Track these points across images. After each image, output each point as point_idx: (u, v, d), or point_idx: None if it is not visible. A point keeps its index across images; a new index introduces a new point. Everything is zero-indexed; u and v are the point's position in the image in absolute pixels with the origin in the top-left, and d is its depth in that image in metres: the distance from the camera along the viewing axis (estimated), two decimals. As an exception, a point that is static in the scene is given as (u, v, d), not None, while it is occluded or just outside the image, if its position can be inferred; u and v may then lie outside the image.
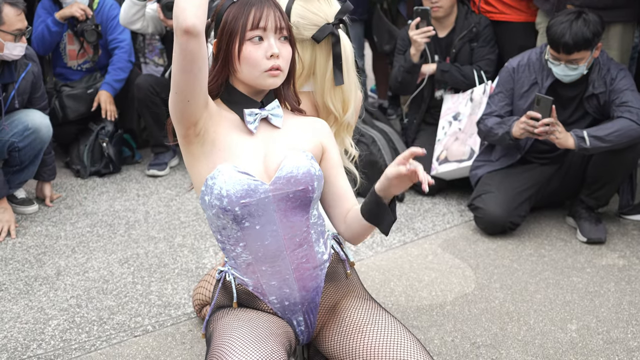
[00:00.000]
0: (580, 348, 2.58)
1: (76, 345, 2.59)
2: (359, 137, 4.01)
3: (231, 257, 1.94)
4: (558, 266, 3.19)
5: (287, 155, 1.88)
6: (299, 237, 1.90)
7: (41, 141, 3.60)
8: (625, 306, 2.86)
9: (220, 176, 1.82)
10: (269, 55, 1.83)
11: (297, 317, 1.97)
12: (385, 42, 4.63)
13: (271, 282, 1.90)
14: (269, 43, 1.83)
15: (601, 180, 3.41)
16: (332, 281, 2.00)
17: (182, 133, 1.85)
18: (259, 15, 1.82)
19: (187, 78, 1.72)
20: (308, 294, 1.94)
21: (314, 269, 1.94)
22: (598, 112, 3.39)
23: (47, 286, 3.01)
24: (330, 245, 2.02)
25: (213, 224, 1.91)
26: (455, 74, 3.99)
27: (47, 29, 4.17)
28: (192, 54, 1.69)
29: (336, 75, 2.09)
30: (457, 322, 2.74)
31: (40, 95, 3.70)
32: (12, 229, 3.49)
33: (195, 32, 1.66)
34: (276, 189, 1.85)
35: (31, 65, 3.55)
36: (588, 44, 3.19)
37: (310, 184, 1.87)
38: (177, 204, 3.90)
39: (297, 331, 1.99)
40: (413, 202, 3.92)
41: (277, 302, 1.93)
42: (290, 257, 1.89)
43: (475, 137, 3.81)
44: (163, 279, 3.06)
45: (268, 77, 1.85)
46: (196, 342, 2.61)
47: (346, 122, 2.20)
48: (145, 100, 4.24)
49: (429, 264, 3.22)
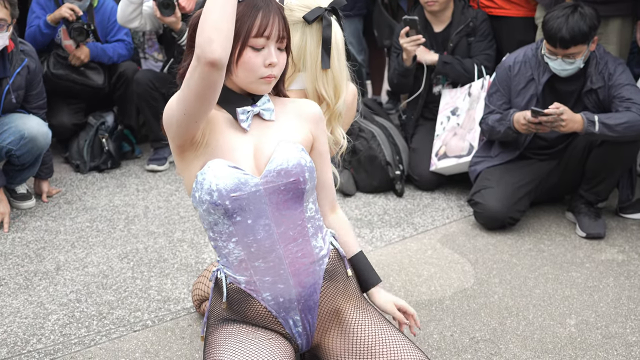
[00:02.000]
0: (579, 343, 2.58)
1: (76, 339, 2.60)
2: (358, 132, 4.01)
3: (223, 254, 1.92)
4: (557, 261, 3.19)
5: (277, 148, 1.87)
6: (292, 231, 1.88)
7: (38, 149, 3.59)
8: (624, 301, 2.87)
9: (209, 171, 1.81)
10: (267, 63, 1.81)
11: (293, 316, 1.93)
12: (385, 37, 4.63)
13: (265, 277, 1.88)
14: (269, 51, 1.81)
15: (600, 174, 3.41)
16: (332, 280, 1.97)
17: (179, 144, 1.83)
18: (266, 23, 1.78)
19: (202, 104, 1.70)
20: (304, 290, 1.92)
21: (311, 264, 1.91)
22: (597, 107, 3.39)
23: (47, 281, 3.01)
24: (329, 241, 2.00)
25: (205, 221, 1.90)
26: (456, 67, 3.99)
27: (39, 30, 4.14)
28: (213, 83, 1.65)
29: (323, 58, 2.09)
30: (456, 317, 2.74)
31: (37, 93, 3.66)
32: (6, 221, 3.48)
33: (221, 65, 1.62)
34: (267, 182, 1.83)
35: (27, 61, 3.53)
36: (585, 38, 3.18)
37: (301, 175, 1.86)
38: (176, 199, 3.90)
39: (295, 333, 1.95)
40: (412, 197, 3.93)
41: (272, 299, 1.90)
42: (284, 252, 1.87)
43: (474, 133, 3.81)
44: (162, 273, 3.07)
45: (263, 83, 1.84)
46: (195, 336, 2.61)
47: (338, 110, 2.20)
48: (145, 96, 4.24)
49: (428, 259, 3.22)
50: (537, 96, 3.43)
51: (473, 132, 3.82)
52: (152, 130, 4.37)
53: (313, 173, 1.90)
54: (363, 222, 3.61)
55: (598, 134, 3.20)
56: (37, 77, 3.65)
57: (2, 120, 3.54)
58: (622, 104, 3.25)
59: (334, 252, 2.01)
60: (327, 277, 1.97)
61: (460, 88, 4.04)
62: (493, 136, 3.57)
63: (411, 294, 2.91)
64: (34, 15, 4.21)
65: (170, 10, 3.95)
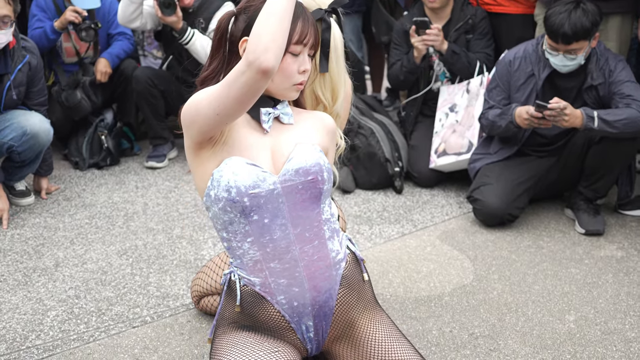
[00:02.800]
0: (578, 339, 2.58)
1: (75, 335, 2.59)
2: (357, 129, 4.01)
3: (237, 255, 1.90)
4: (556, 257, 3.19)
5: (296, 148, 1.87)
6: (309, 232, 1.86)
7: (40, 145, 3.58)
8: (623, 297, 2.87)
9: (227, 168, 1.80)
10: (302, 70, 1.83)
11: (306, 322, 1.91)
12: (383, 34, 4.64)
13: (280, 279, 1.86)
14: (304, 58, 1.83)
15: (600, 171, 3.41)
16: (349, 288, 1.95)
17: (198, 141, 1.82)
18: (306, 31, 1.80)
19: (239, 108, 1.70)
20: (319, 296, 1.89)
21: (327, 268, 1.89)
22: (597, 103, 3.39)
23: (46, 277, 3.01)
24: (345, 245, 1.99)
25: (219, 220, 1.88)
26: (463, 59, 3.99)
27: (45, 35, 4.12)
28: (258, 90, 1.66)
29: (321, 62, 2.08)
30: (455, 313, 2.74)
31: (38, 90, 3.66)
32: (5, 218, 3.48)
33: (271, 73, 1.63)
34: (285, 180, 1.83)
35: (28, 57, 3.53)
36: (587, 33, 3.18)
37: (319, 174, 1.85)
38: (175, 195, 3.90)
39: (306, 338, 1.94)
40: (412, 193, 3.92)
41: (286, 303, 1.87)
42: (300, 253, 1.85)
43: (473, 130, 3.81)
44: (161, 270, 3.07)
45: (295, 90, 1.86)
46: (194, 332, 2.61)
47: (335, 112, 2.20)
48: (144, 93, 4.24)
49: (427, 255, 3.22)
50: (536, 91, 3.42)
51: (472, 129, 3.82)
52: (151, 128, 4.37)
53: (331, 174, 1.90)
54: (362, 218, 3.61)
55: (597, 129, 3.20)
56: (38, 74, 3.64)
57: (3, 117, 3.54)
58: (622, 101, 3.25)
59: (351, 257, 1.99)
60: (344, 284, 1.94)
61: (458, 84, 4.04)
62: (493, 131, 3.56)
63: (410, 291, 2.91)
64: (35, 18, 4.20)
65: (171, 10, 3.94)
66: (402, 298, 2.85)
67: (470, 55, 4.01)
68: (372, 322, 1.97)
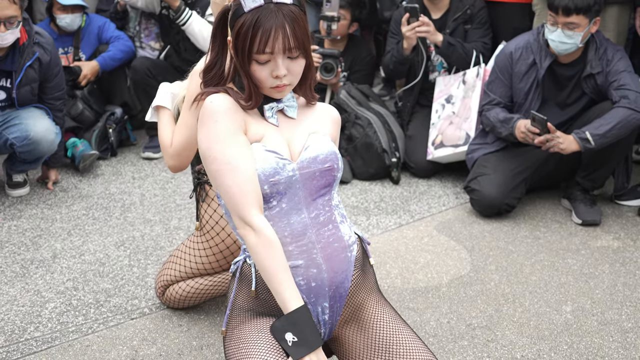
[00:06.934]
0: (575, 329, 2.60)
1: (73, 327, 2.60)
2: (354, 119, 4.01)
3: None
4: (553, 248, 3.20)
5: (310, 138, 1.90)
6: (323, 217, 1.89)
7: (40, 152, 3.58)
8: (619, 288, 2.88)
9: None
10: (275, 75, 1.81)
11: (322, 303, 1.91)
12: (386, 9, 4.64)
13: (298, 261, 1.86)
14: (276, 64, 1.80)
15: (597, 162, 3.42)
16: (362, 270, 1.98)
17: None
18: (265, 40, 1.76)
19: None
20: (337, 276, 1.90)
21: (342, 250, 1.91)
22: (595, 92, 3.39)
23: (44, 269, 3.01)
24: (353, 230, 2.01)
25: None
26: (459, 50, 3.98)
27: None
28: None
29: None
30: (452, 304, 2.75)
31: (53, 86, 3.62)
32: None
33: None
34: (303, 167, 1.85)
35: (39, 54, 3.49)
36: (588, 8, 3.19)
37: (335, 163, 1.89)
38: (172, 186, 3.89)
39: (321, 321, 1.94)
40: (409, 184, 3.93)
41: (304, 284, 1.87)
42: (316, 236, 1.87)
43: (470, 122, 3.81)
44: (159, 261, 3.07)
45: (275, 92, 1.85)
46: (193, 324, 2.62)
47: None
48: (142, 83, 4.23)
49: (424, 246, 3.23)
50: (538, 80, 3.43)
51: (469, 121, 3.82)
52: (148, 118, 4.36)
53: (342, 164, 1.94)
54: (359, 209, 3.61)
55: (597, 146, 3.23)
56: (52, 70, 3.59)
57: (17, 113, 3.55)
58: (616, 92, 3.27)
59: (359, 241, 2.02)
60: (357, 266, 1.98)
61: (454, 75, 4.03)
62: (493, 132, 3.59)
63: (408, 281, 2.91)
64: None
65: None
66: (400, 289, 2.86)
67: (467, 45, 4.00)
68: (378, 305, 2.01)
